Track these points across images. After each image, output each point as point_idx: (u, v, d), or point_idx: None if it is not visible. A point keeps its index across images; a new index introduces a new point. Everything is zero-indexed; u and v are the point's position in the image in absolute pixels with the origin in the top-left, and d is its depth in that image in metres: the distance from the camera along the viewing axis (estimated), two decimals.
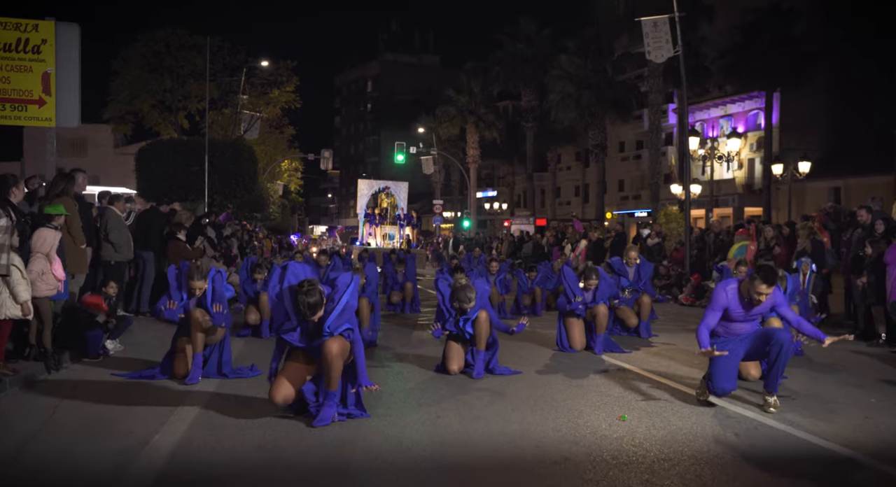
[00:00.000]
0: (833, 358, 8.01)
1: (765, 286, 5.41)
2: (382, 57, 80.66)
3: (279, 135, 40.12)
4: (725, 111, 39.92)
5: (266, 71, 31.42)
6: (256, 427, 5.02)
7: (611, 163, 43.71)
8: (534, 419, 5.29)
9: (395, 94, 69.51)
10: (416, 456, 4.42)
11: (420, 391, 6.31)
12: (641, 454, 4.44)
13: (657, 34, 17.67)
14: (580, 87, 35.02)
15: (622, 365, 7.57)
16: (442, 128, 46.61)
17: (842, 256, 11.44)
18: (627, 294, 9.98)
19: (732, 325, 5.66)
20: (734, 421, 5.23)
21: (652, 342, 9.38)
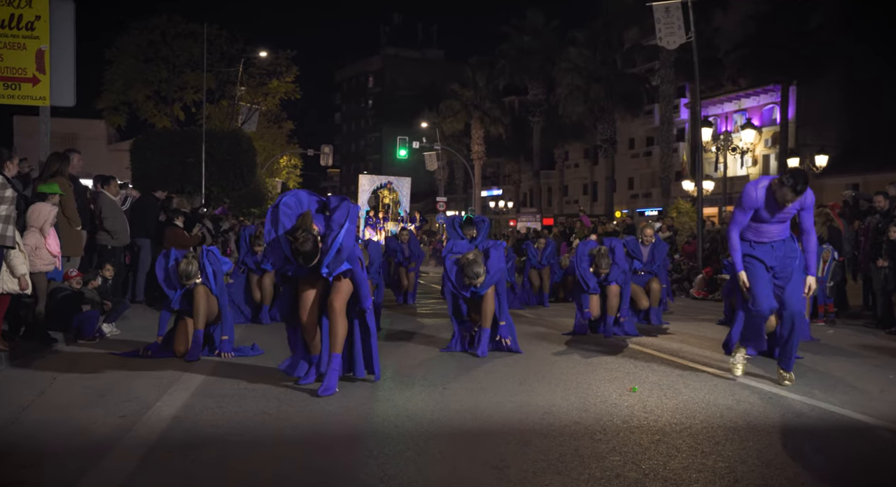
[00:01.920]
0: (849, 344, 8.07)
1: (791, 193, 5.31)
2: (384, 51, 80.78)
3: (277, 130, 40.18)
4: (739, 105, 39.93)
5: (265, 61, 31.50)
6: (259, 396, 5.09)
7: (620, 159, 43.71)
8: (542, 390, 5.36)
9: (397, 90, 69.64)
10: (423, 422, 4.48)
11: (425, 367, 6.38)
12: (653, 420, 4.50)
13: (669, 20, 17.73)
14: (589, 80, 35.09)
15: (631, 346, 7.63)
16: (446, 124, 46.70)
17: (860, 244, 11.49)
18: (642, 273, 9.90)
19: (762, 227, 5.54)
20: (748, 392, 5.29)
21: (662, 328, 9.44)
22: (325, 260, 5.11)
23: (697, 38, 18.33)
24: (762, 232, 5.58)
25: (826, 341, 8.26)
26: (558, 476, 3.48)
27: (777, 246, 5.53)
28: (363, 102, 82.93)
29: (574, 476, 3.47)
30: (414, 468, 3.67)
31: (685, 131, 40.12)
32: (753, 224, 5.58)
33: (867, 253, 10.86)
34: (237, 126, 29.80)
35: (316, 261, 5.12)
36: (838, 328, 9.81)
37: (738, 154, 25.52)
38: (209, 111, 28.48)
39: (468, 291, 7.08)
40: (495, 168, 58.97)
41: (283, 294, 5.76)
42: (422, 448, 4.00)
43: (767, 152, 38.22)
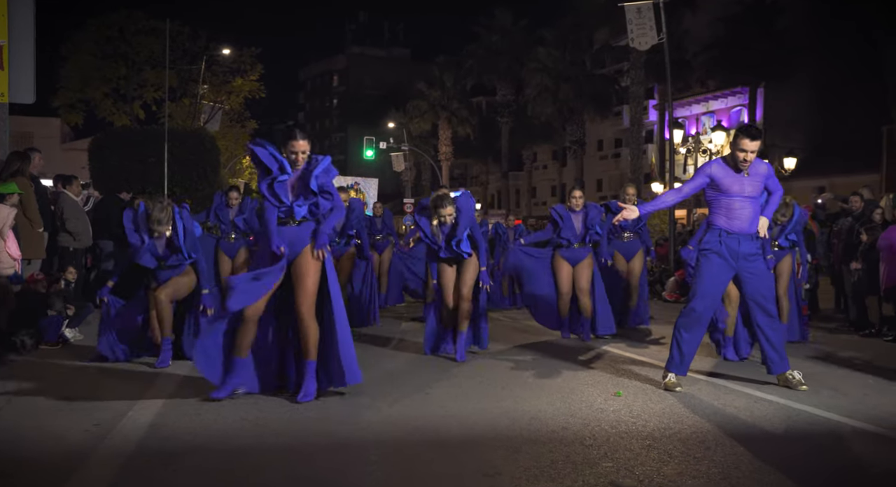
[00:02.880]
0: (826, 348, 8.18)
1: (747, 140, 5.40)
2: (349, 50, 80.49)
3: (241, 129, 39.82)
4: (707, 107, 40.42)
5: (228, 58, 31.21)
6: (237, 402, 5.03)
7: (589, 161, 44.06)
8: (525, 395, 5.36)
9: (362, 89, 69.46)
10: (408, 429, 4.46)
11: (406, 372, 6.36)
12: (641, 424, 4.52)
13: (641, 21, 17.90)
14: (558, 81, 35.35)
15: (610, 351, 7.67)
16: (413, 124, 46.71)
17: (833, 247, 11.68)
18: (627, 238, 9.73)
19: (733, 203, 5.50)
20: (732, 396, 5.34)
21: (639, 330, 9.52)
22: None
23: (667, 39, 18.53)
24: (733, 210, 5.51)
25: (803, 344, 8.37)
26: (552, 483, 3.48)
27: (744, 241, 5.54)
28: (328, 101, 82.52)
29: (568, 483, 3.47)
30: (401, 476, 3.65)
31: (653, 133, 40.54)
32: (724, 199, 5.55)
33: (840, 256, 11.05)
34: (199, 125, 29.47)
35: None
36: (813, 331, 9.93)
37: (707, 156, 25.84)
38: (170, 109, 28.11)
39: (446, 251, 6.97)
40: (463, 169, 59.08)
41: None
42: (408, 456, 3.98)
43: None
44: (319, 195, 5.18)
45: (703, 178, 5.66)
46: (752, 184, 5.54)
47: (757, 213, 5.58)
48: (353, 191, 33.18)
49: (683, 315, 5.66)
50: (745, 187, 5.52)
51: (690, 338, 5.62)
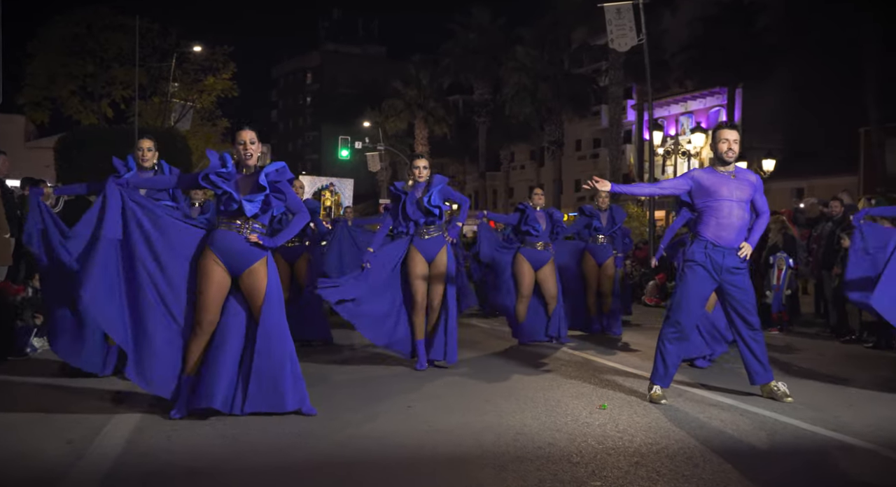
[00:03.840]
0: (806, 354, 8.28)
1: (726, 129, 5.55)
2: (323, 47, 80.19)
3: (211, 128, 39.53)
4: (686, 108, 40.76)
5: (200, 56, 30.93)
6: (213, 418, 4.97)
7: (567, 162, 44.23)
8: (509, 408, 5.36)
9: (337, 87, 69.22)
10: (392, 445, 4.45)
11: (384, 384, 6.32)
12: (627, 439, 4.53)
13: (621, 22, 18.02)
14: (536, 80, 35.44)
15: (592, 359, 7.71)
16: (388, 123, 46.63)
17: (812, 252, 11.81)
18: (601, 240, 9.93)
19: (722, 207, 5.51)
20: (716, 409, 5.38)
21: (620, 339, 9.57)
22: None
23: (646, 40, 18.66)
24: (722, 217, 5.52)
25: (784, 351, 8.46)
26: None
27: (728, 255, 5.57)
28: (301, 99, 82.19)
29: None
30: None
31: (632, 133, 40.79)
32: (712, 205, 5.55)
33: (820, 261, 11.17)
34: (170, 124, 29.20)
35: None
36: (793, 337, 10.06)
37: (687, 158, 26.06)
38: (140, 108, 27.82)
39: (422, 216, 6.92)
40: (439, 169, 58.91)
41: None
42: (393, 473, 3.96)
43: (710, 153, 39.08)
44: (271, 193, 5.13)
45: (685, 180, 5.71)
46: (739, 187, 5.57)
47: (745, 224, 5.62)
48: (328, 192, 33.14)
49: (668, 327, 5.69)
50: (732, 190, 5.55)
51: (675, 351, 5.66)
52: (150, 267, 5.12)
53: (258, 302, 5.11)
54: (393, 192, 7.13)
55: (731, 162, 5.61)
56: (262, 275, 5.13)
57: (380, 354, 7.90)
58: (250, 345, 5.14)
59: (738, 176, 5.62)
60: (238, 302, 5.26)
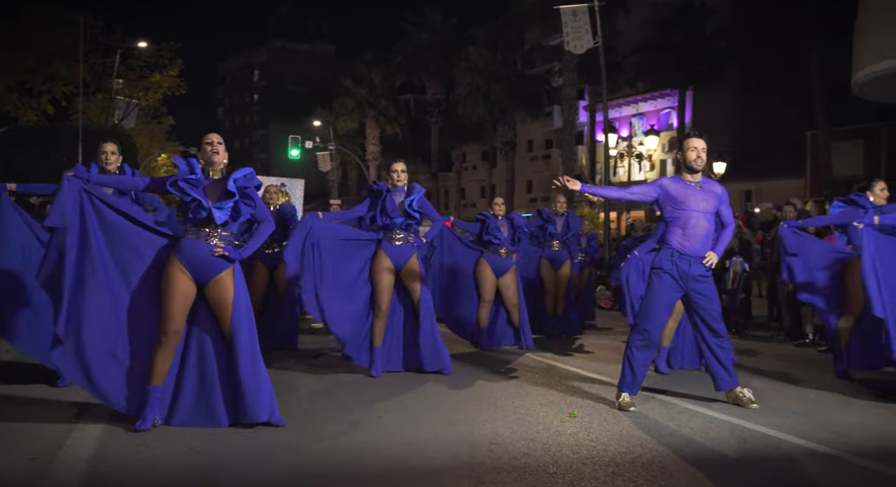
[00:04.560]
0: (763, 359, 8.48)
1: (694, 138, 5.69)
2: (271, 44, 79.49)
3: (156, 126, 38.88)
4: (637, 109, 41.40)
5: (145, 53, 30.42)
6: (180, 430, 4.93)
7: (519, 162, 44.56)
8: (480, 417, 5.41)
9: (285, 85, 68.65)
10: (367, 457, 4.45)
11: (351, 394, 6.32)
12: (601, 448, 4.61)
13: (576, 24, 18.23)
14: (490, 81, 35.63)
15: (555, 365, 7.81)
16: (339, 123, 46.42)
17: (765, 256, 12.11)
18: (557, 246, 10.10)
19: (690, 218, 5.65)
20: (686, 416, 5.50)
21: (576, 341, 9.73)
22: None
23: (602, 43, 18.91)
24: (689, 227, 5.66)
25: (742, 355, 8.65)
26: None
27: (694, 263, 5.71)
28: (248, 97, 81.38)
29: None
30: None
31: (584, 134, 41.24)
32: (679, 215, 5.69)
33: (773, 265, 11.46)
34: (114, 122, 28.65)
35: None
36: (749, 340, 10.30)
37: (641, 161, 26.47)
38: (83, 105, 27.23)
39: (399, 216, 7.00)
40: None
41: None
42: None
43: (664, 157, 39.74)
44: (240, 200, 5.11)
45: (654, 187, 5.83)
46: (705, 199, 5.72)
47: (711, 234, 5.76)
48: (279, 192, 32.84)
49: (635, 334, 5.80)
50: (699, 202, 5.69)
51: (643, 358, 5.77)
52: (110, 272, 5.04)
53: (225, 312, 5.07)
54: (374, 188, 7.17)
55: (699, 170, 5.75)
56: (229, 285, 5.10)
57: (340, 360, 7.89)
58: (222, 357, 5.11)
59: (705, 187, 5.77)
60: (206, 312, 5.22)
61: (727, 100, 36.76)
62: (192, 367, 5.19)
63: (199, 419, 5.09)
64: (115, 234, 5.06)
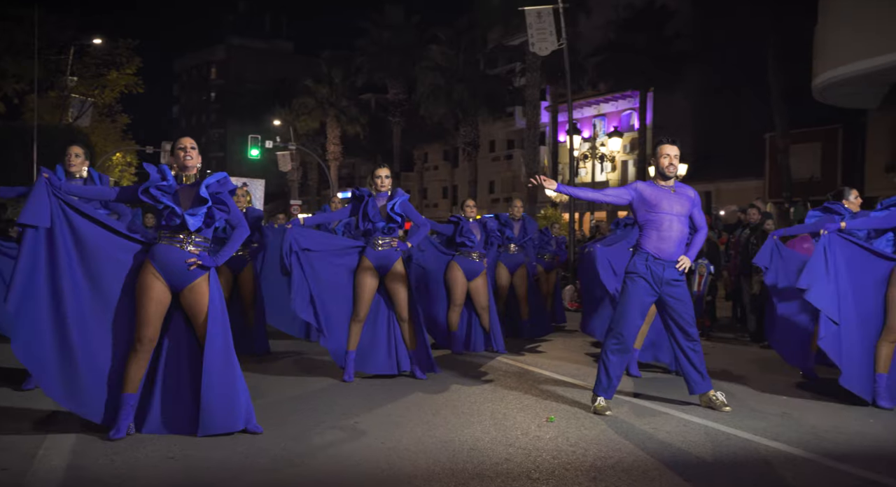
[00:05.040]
0: (729, 363, 8.62)
1: (667, 145, 5.84)
2: (228, 41, 78.68)
3: (111, 125, 38.30)
4: (599, 110, 41.81)
5: (101, 50, 29.93)
6: (159, 439, 4.90)
7: (481, 162, 44.70)
8: (458, 422, 5.45)
9: (243, 83, 68.02)
10: (349, 464, 4.47)
11: (323, 398, 6.31)
12: (581, 453, 4.68)
13: (541, 26, 18.34)
14: (452, 81, 35.67)
15: (528, 369, 7.87)
16: (300, 122, 46.13)
17: (730, 258, 12.32)
18: (513, 249, 10.18)
19: (663, 221, 5.76)
20: (662, 419, 5.59)
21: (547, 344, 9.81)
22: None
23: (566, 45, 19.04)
24: (663, 230, 5.78)
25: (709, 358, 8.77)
26: None
27: (668, 267, 5.83)
28: (205, 95, 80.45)
29: None
30: None
31: (545, 135, 41.52)
32: (654, 218, 5.80)
33: (738, 267, 11.68)
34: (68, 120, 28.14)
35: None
36: (715, 343, 10.47)
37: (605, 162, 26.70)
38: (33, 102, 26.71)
39: (381, 220, 7.01)
40: (350, 169, 58.77)
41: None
42: None
43: (626, 158, 40.17)
44: (214, 206, 5.09)
45: (629, 190, 5.94)
46: (679, 202, 5.84)
47: (684, 238, 5.87)
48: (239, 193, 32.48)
49: (610, 338, 5.89)
50: (673, 205, 5.81)
51: (618, 362, 5.86)
52: (81, 279, 4.98)
53: (200, 319, 5.05)
54: (356, 193, 7.19)
55: (671, 176, 5.87)
56: (204, 292, 5.07)
57: (313, 364, 7.90)
58: (197, 365, 5.08)
59: (678, 191, 5.89)
60: (181, 319, 5.19)
61: (688, 101, 37.29)
62: (166, 374, 5.18)
63: (174, 426, 5.07)
64: (86, 240, 5.00)
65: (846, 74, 15.92)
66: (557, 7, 18.12)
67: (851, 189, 7.60)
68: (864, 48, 15.23)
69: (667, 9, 34.73)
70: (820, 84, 17.28)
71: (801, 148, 29.65)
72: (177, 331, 5.21)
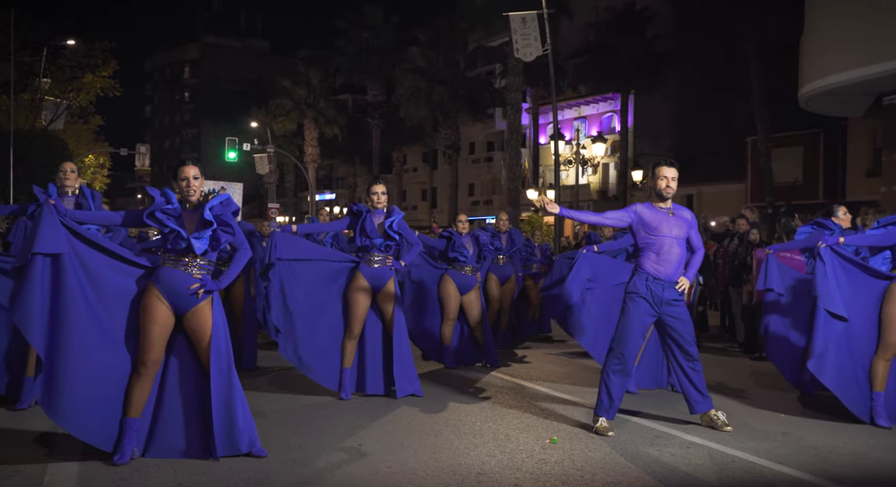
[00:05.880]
0: (724, 376, 8.73)
1: (665, 167, 5.93)
2: (202, 39, 78.26)
3: (83, 126, 37.98)
4: (579, 113, 42.02)
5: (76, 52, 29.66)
6: (165, 463, 4.92)
7: (461, 165, 44.80)
8: (461, 444, 5.51)
9: (217, 82, 67.69)
10: None
11: (323, 418, 6.35)
12: (588, 478, 4.76)
13: (525, 31, 18.46)
14: (433, 83, 35.73)
15: (524, 385, 7.94)
16: (277, 124, 45.99)
17: (718, 267, 12.46)
18: (502, 260, 10.30)
19: (664, 243, 5.85)
20: (665, 441, 5.69)
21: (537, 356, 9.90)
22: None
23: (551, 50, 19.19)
24: (662, 252, 5.88)
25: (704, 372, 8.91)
26: None
27: (668, 288, 5.92)
28: (178, 94, 79.96)
29: None
30: None
31: (526, 137, 41.68)
32: (653, 241, 5.90)
33: (727, 278, 11.82)
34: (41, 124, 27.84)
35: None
36: (707, 355, 10.58)
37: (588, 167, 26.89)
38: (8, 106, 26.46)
39: (378, 237, 7.08)
40: (328, 170, 58.68)
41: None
42: None
43: (607, 161, 40.41)
44: (218, 227, 5.12)
45: (628, 213, 6.04)
46: (678, 225, 5.96)
47: (683, 259, 5.99)
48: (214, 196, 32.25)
49: (611, 358, 5.98)
50: (671, 228, 5.92)
51: (620, 382, 5.95)
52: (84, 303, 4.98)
53: (204, 342, 5.08)
54: (353, 209, 7.24)
55: (668, 198, 5.98)
56: (208, 315, 5.10)
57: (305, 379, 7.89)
58: (200, 388, 5.11)
59: (676, 213, 6.00)
60: (183, 342, 5.22)
61: (668, 104, 37.59)
62: (169, 397, 5.19)
63: (178, 450, 5.09)
64: (90, 265, 5.01)
65: (833, 84, 16.17)
66: (542, 13, 18.24)
67: (840, 206, 7.75)
68: (851, 59, 15.47)
69: (647, 11, 35.00)
70: (806, 93, 17.53)
71: (782, 152, 29.99)
72: (179, 354, 5.24)
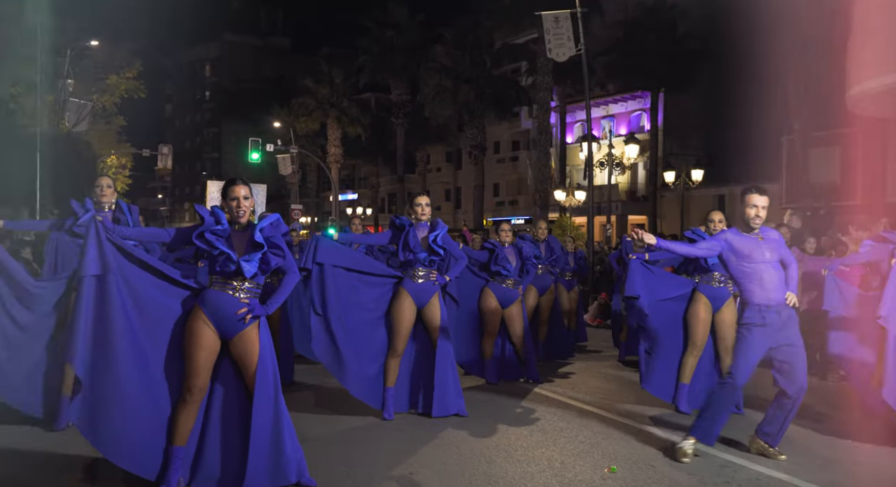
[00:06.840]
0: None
1: (755, 195, 5.77)
2: (223, 37, 78.57)
3: (105, 127, 38.19)
4: (608, 111, 41.69)
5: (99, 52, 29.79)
6: None
7: (486, 165, 44.65)
8: (517, 473, 5.36)
9: (239, 81, 67.93)
10: None
11: (369, 442, 6.22)
12: None
13: (559, 31, 18.29)
14: (458, 81, 35.57)
15: (570, 403, 7.78)
16: (299, 123, 46.03)
17: None
18: (541, 270, 10.14)
19: (759, 271, 5.73)
20: (731, 471, 5.50)
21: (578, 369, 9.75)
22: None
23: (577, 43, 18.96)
24: (764, 279, 5.74)
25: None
26: None
27: (783, 312, 5.78)
28: (199, 93, 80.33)
29: None
30: None
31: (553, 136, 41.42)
32: (751, 268, 5.76)
33: None
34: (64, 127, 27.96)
35: None
36: None
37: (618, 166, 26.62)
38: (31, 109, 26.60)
39: (422, 251, 6.95)
40: (350, 170, 58.71)
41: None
42: None
43: (636, 161, 40.04)
44: (269, 250, 5.01)
45: (719, 242, 5.89)
46: (770, 249, 5.82)
47: (783, 278, 5.84)
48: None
49: (723, 387, 5.84)
50: (764, 253, 5.80)
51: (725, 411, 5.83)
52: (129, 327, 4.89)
53: (251, 369, 4.96)
54: (396, 222, 7.11)
55: (756, 228, 5.81)
56: (255, 340, 4.98)
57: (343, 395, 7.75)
58: (247, 415, 4.99)
59: (765, 237, 5.84)
60: (229, 367, 5.10)
61: (699, 102, 37.17)
62: (215, 425, 5.09)
63: (224, 480, 4.98)
64: (137, 286, 4.92)
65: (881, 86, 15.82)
66: (575, 12, 18.05)
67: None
68: None
69: (678, 7, 34.64)
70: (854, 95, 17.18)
71: (819, 152, 29.55)
72: (226, 380, 5.13)
